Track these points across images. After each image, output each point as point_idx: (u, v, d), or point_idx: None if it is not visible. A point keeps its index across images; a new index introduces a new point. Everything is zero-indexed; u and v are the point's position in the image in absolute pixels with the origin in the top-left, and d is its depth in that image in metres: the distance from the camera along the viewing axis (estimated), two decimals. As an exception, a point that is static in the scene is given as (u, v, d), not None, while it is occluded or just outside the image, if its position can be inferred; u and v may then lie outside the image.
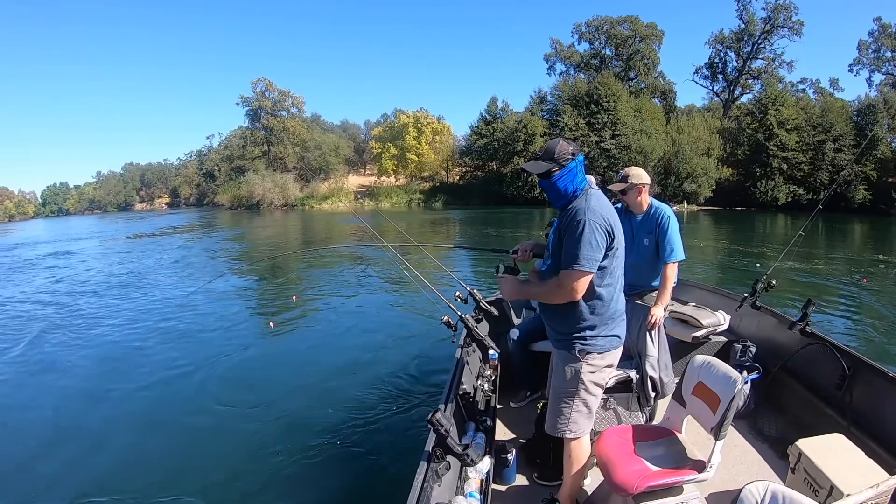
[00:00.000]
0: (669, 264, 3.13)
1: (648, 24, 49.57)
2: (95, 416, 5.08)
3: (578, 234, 1.98)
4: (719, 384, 2.12)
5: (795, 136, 36.58)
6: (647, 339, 2.83)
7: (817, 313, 7.52)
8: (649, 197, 3.26)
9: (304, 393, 5.35)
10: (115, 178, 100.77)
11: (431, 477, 1.99)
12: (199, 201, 73.67)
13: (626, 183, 3.16)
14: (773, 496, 1.55)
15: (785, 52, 46.65)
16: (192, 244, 22.59)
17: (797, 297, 8.42)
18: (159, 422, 4.93)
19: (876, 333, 7.17)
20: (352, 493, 3.63)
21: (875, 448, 2.51)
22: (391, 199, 50.61)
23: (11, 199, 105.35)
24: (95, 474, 4.02)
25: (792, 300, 8.23)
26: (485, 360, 3.42)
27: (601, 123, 40.58)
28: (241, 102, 60.95)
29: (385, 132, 57.52)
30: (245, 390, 5.53)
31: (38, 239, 32.65)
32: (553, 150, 2.06)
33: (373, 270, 12.76)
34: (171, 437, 4.63)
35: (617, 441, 2.27)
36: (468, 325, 3.16)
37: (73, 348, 7.35)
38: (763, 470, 2.83)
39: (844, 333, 7.04)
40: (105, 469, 4.10)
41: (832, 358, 2.98)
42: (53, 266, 17.02)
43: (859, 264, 12.84)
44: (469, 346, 3.32)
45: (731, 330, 3.91)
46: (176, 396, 5.47)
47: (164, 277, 13.26)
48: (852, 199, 33.74)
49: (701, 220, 30.10)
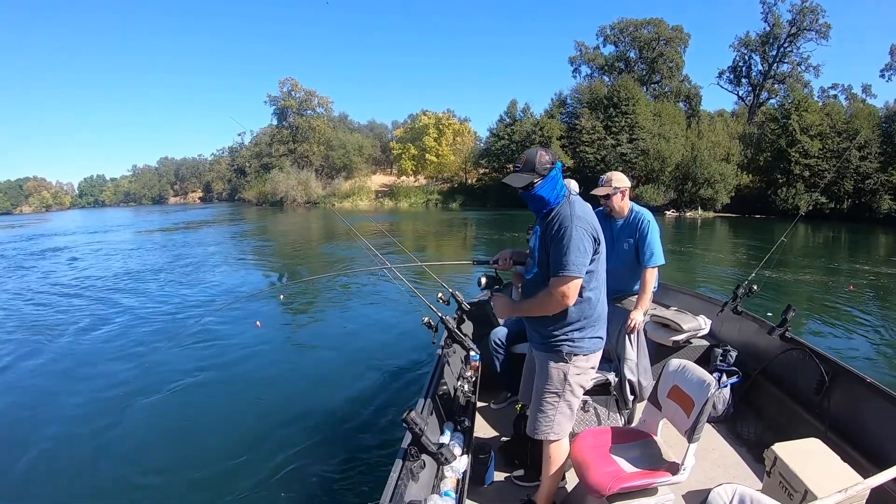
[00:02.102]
0: (649, 269, 3.14)
1: (674, 27, 48.84)
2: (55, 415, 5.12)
3: (567, 241, 2.00)
4: (694, 388, 2.15)
5: (819, 142, 35.67)
6: (627, 342, 2.88)
7: (817, 320, 7.91)
8: (630, 201, 3.30)
9: (281, 392, 5.45)
10: (151, 171, 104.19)
11: (406, 475, 2.02)
12: (231, 196, 75.57)
13: (609, 187, 3.19)
14: (741, 499, 1.54)
15: (812, 56, 45.22)
16: (204, 239, 23.62)
17: (803, 307, 8.57)
18: (121, 417, 4.95)
19: (857, 340, 7.24)
20: (328, 492, 3.62)
21: (852, 453, 2.51)
22: (409, 199, 51.34)
23: (49, 189, 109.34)
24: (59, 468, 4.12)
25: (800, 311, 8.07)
26: (465, 361, 3.38)
27: (619, 127, 40.32)
28: (269, 101, 62.74)
29: (406, 133, 58.33)
30: (222, 389, 5.60)
31: (64, 230, 34.11)
32: (533, 162, 2.07)
33: (356, 272, 12.83)
34: (137, 433, 4.65)
35: (592, 443, 2.29)
36: (449, 326, 3.16)
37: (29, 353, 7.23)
38: (740, 473, 2.85)
39: (825, 338, 7.18)
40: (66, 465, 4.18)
41: (811, 363, 2.98)
42: (34, 267, 16.42)
43: (860, 274, 12.77)
44: (450, 346, 3.30)
45: (712, 334, 3.92)
46: (147, 397, 5.41)
47: (160, 276, 13.44)
48: (878, 210, 32.82)
49: (717, 227, 29.54)
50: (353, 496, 3.53)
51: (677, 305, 4.12)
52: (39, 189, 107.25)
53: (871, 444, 2.53)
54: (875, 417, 2.56)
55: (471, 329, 4.02)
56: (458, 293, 3.61)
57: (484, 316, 4.08)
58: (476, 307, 3.95)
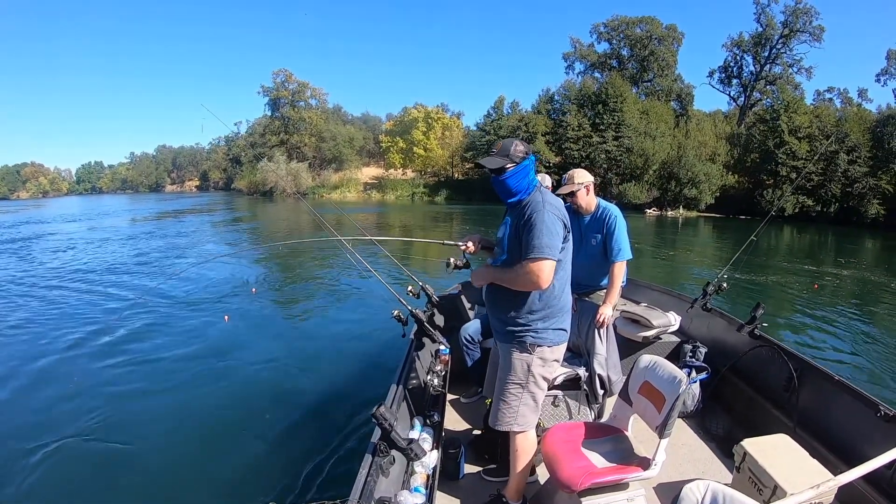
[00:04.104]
0: (617, 263, 3.17)
1: (668, 26, 48.42)
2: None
3: (540, 225, 2.03)
4: (665, 384, 2.14)
5: (807, 144, 35.15)
6: (596, 337, 2.88)
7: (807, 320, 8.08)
8: (596, 197, 3.31)
9: (248, 387, 5.31)
10: (148, 159, 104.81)
11: (376, 471, 2.00)
12: (227, 185, 75.61)
13: (573, 184, 3.21)
14: (714, 495, 1.54)
15: (804, 59, 44.65)
16: (186, 227, 23.43)
17: (776, 307, 8.84)
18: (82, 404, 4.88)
19: (826, 339, 7.36)
20: (296, 488, 3.56)
21: (820, 449, 2.55)
22: (396, 191, 51.31)
23: (47, 175, 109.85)
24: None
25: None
26: (435, 355, 3.36)
27: (605, 124, 39.97)
28: (262, 92, 62.59)
29: (396, 126, 58.16)
30: (191, 384, 5.42)
31: (40, 218, 33.94)
32: (508, 148, 2.15)
33: (326, 264, 12.76)
34: (100, 426, 4.53)
35: (563, 438, 2.28)
36: (418, 319, 3.15)
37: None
38: (710, 468, 2.85)
39: (797, 334, 7.35)
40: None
41: (780, 360, 3.02)
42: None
43: (840, 277, 12.86)
44: (419, 340, 3.31)
45: (681, 331, 3.97)
46: (108, 387, 5.33)
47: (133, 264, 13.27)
48: (865, 214, 32.33)
49: (699, 227, 29.28)
50: (321, 492, 3.44)
51: (647, 301, 4.18)
52: (37, 175, 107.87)
53: (839, 441, 2.57)
54: (843, 414, 2.59)
55: (441, 322, 3.94)
56: (429, 287, 3.59)
57: (454, 309, 4.08)
58: (446, 300, 3.90)
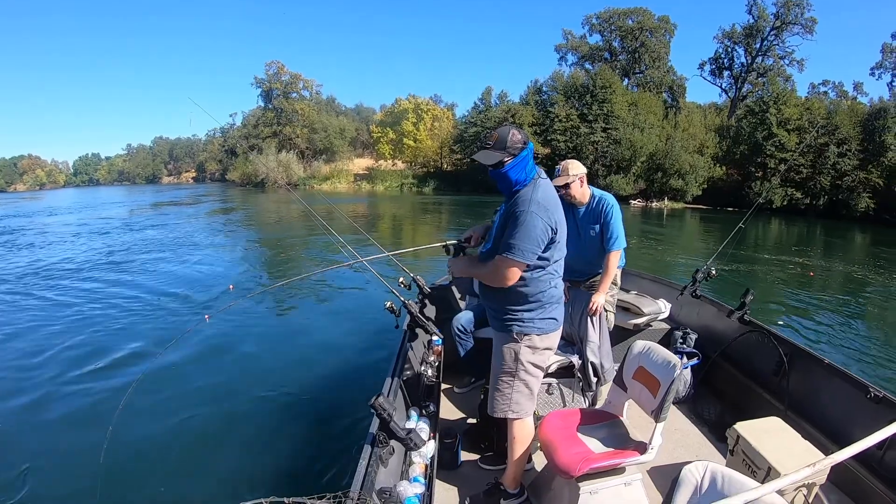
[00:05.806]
0: (612, 252, 3.15)
1: (660, 17, 47.95)
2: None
3: (519, 225, 1.94)
4: (659, 369, 2.15)
5: (796, 136, 34.73)
6: (589, 325, 2.88)
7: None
8: (589, 187, 3.26)
9: (243, 382, 5.26)
10: (145, 151, 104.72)
11: (376, 462, 2.00)
12: (223, 177, 75.53)
13: (567, 176, 3.14)
14: (713, 475, 1.58)
15: (797, 51, 44.18)
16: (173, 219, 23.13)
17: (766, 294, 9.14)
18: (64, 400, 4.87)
19: (813, 324, 7.54)
20: (296, 480, 3.58)
21: (811, 431, 2.60)
22: (385, 182, 51.11)
23: (43, 167, 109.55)
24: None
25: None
26: (428, 345, 3.41)
27: (594, 116, 39.55)
28: (255, 83, 62.42)
29: (387, 117, 57.95)
30: (184, 380, 5.34)
31: (28, 211, 33.49)
32: (505, 140, 1.98)
33: (316, 256, 12.54)
34: (90, 421, 4.47)
35: (559, 425, 2.29)
36: (411, 310, 3.14)
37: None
38: (703, 452, 2.88)
39: (788, 318, 7.55)
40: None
41: (769, 345, 3.08)
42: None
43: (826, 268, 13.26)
44: (413, 331, 3.32)
45: (672, 318, 4.02)
46: (100, 384, 5.28)
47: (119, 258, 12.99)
48: (854, 207, 31.92)
49: (685, 218, 29.02)
50: (321, 483, 3.40)
51: (637, 289, 4.21)
52: (34, 167, 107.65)
53: (830, 422, 2.62)
54: (833, 396, 2.65)
55: (433, 313, 3.97)
56: (420, 278, 3.61)
57: (446, 300, 4.12)
58: (438, 291, 3.92)
